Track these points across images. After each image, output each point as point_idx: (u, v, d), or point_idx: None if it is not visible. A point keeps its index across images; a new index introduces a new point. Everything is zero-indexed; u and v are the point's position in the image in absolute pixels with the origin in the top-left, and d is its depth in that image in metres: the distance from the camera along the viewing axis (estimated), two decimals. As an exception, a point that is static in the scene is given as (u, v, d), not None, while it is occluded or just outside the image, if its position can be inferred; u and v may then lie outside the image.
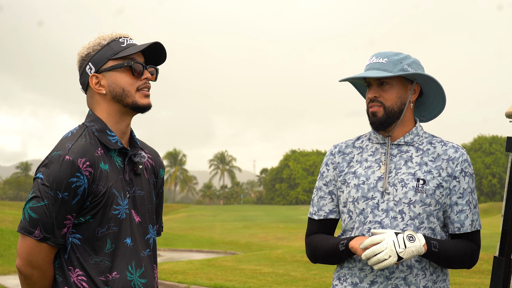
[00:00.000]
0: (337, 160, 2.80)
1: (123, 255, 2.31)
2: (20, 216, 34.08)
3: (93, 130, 2.34)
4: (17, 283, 12.94)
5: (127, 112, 2.40)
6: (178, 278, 13.68)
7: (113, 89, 2.36)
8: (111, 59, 2.36)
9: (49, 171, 2.21)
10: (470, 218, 2.66)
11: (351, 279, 2.68)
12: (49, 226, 2.21)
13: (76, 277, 2.26)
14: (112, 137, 2.36)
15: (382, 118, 2.67)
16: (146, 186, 2.47)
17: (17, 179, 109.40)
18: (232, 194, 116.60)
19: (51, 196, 2.19)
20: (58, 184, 2.20)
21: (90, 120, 2.38)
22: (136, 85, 2.38)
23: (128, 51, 2.37)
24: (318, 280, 12.95)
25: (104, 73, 2.36)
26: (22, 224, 2.22)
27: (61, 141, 2.30)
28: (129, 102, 2.37)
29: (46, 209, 2.20)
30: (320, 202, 2.81)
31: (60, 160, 2.21)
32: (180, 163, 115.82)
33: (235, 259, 18.05)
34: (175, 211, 70.39)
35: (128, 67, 2.37)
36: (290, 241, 31.67)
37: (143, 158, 2.43)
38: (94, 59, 2.36)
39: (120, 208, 2.32)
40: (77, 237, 2.27)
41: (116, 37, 2.39)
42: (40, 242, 2.22)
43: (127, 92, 2.36)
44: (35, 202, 2.21)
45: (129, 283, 2.31)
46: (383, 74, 2.62)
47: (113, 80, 2.36)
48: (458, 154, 2.67)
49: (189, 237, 32.17)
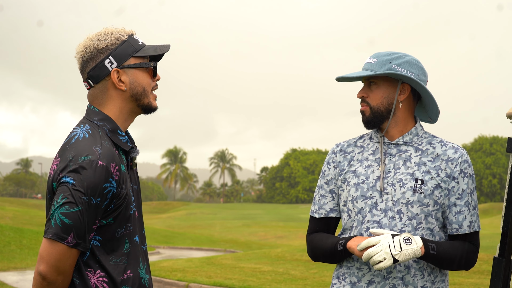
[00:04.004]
0: (338, 159, 2.80)
1: (134, 253, 2.32)
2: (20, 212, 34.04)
3: (105, 130, 2.31)
4: (16, 280, 12.95)
5: (137, 111, 2.40)
6: (178, 276, 13.68)
7: (135, 87, 2.34)
8: (133, 56, 2.35)
9: (83, 177, 2.15)
10: (468, 219, 2.66)
11: (349, 278, 2.68)
12: (82, 232, 2.17)
13: (97, 279, 2.23)
14: (123, 137, 2.34)
15: (369, 117, 2.70)
16: (138, 179, 2.47)
17: (17, 176, 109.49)
18: (232, 192, 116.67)
19: (85, 201, 2.15)
20: (93, 190, 2.15)
21: (100, 119, 2.33)
22: (152, 86, 2.39)
23: (148, 51, 2.37)
24: (318, 279, 12.95)
25: (125, 70, 2.33)
26: (54, 230, 2.15)
27: (82, 143, 2.23)
28: (145, 102, 2.37)
29: (80, 215, 2.15)
30: (321, 201, 2.82)
31: (93, 165, 2.16)
32: (180, 160, 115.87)
33: (235, 257, 18.06)
34: (175, 209, 70.42)
35: (150, 68, 2.37)
36: (290, 239, 31.69)
37: (137, 153, 2.43)
38: (116, 53, 2.32)
39: (133, 206, 2.32)
40: (97, 239, 2.25)
41: (129, 33, 2.38)
42: (71, 248, 2.17)
43: (146, 92, 2.36)
44: (68, 207, 2.14)
45: (140, 281, 2.32)
46: (365, 73, 2.64)
47: (135, 78, 2.34)
48: (457, 155, 2.67)
49: (189, 235, 32.20)
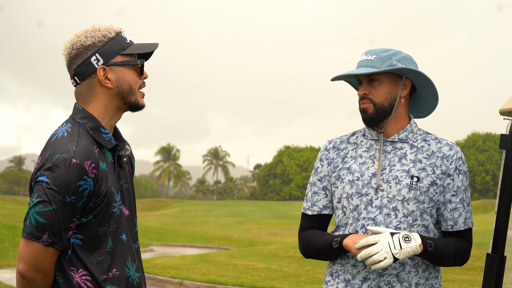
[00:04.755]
0: (332, 156, 2.79)
1: (120, 252, 2.30)
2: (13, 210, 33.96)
3: (87, 128, 2.30)
4: (10, 277, 12.93)
5: (123, 109, 2.39)
6: (171, 273, 13.68)
7: (121, 85, 2.33)
8: (120, 54, 2.34)
9: (55, 175, 2.15)
10: (463, 216, 2.67)
11: (343, 275, 2.68)
12: (57, 230, 2.16)
13: (80, 277, 2.23)
14: (106, 135, 2.33)
15: (373, 114, 2.68)
16: (129, 178, 2.46)
17: (11, 173, 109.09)
18: (225, 190, 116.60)
19: (59, 200, 2.15)
20: (66, 188, 2.15)
21: (82, 117, 2.32)
22: (139, 83, 2.38)
23: (135, 49, 2.36)
24: (311, 276, 12.97)
25: (112, 67, 2.33)
26: (29, 230, 2.16)
27: (59, 142, 2.23)
28: (132, 100, 2.36)
29: (55, 214, 2.15)
30: (314, 198, 2.81)
31: (67, 163, 2.16)
32: (173, 158, 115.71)
33: (228, 254, 18.07)
34: (168, 206, 70.36)
35: (138, 66, 2.36)
36: (283, 237, 31.70)
37: (127, 151, 2.42)
38: (103, 51, 2.31)
39: (116, 205, 2.31)
40: (78, 238, 2.24)
41: (117, 30, 2.37)
42: (47, 246, 2.17)
43: (133, 90, 2.36)
44: (42, 206, 2.14)
45: (128, 279, 2.30)
46: (370, 70, 2.63)
47: (121, 76, 2.34)
48: (452, 152, 2.67)
49: (182, 232, 32.18)
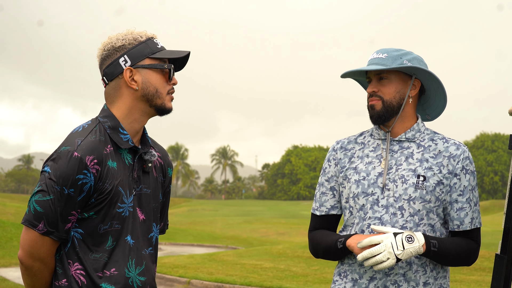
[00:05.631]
0: (339, 156, 2.80)
1: (122, 253, 2.31)
2: (22, 208, 34.20)
3: (105, 127, 2.33)
4: (18, 275, 12.98)
5: (149, 113, 2.40)
6: (179, 272, 13.70)
7: (147, 87, 2.35)
8: (149, 57, 2.35)
9: (57, 166, 2.21)
10: (470, 215, 2.66)
11: (351, 275, 2.68)
12: (53, 221, 2.21)
13: (75, 271, 2.27)
14: (124, 136, 2.34)
15: (381, 111, 2.68)
16: (153, 184, 2.46)
17: (19, 172, 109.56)
18: (233, 189, 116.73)
19: (57, 191, 2.19)
20: (65, 180, 2.19)
21: (104, 115, 2.36)
22: (167, 88, 2.39)
23: (165, 53, 2.38)
24: (319, 275, 12.97)
25: (139, 69, 2.35)
26: (27, 217, 2.23)
27: (71, 136, 2.29)
28: (158, 103, 2.37)
29: (51, 204, 2.20)
30: (322, 198, 2.82)
31: (68, 156, 2.21)
32: (182, 157, 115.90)
33: (236, 254, 18.08)
34: (176, 205, 70.48)
35: (167, 70, 2.37)
36: (291, 236, 31.70)
37: (153, 157, 2.43)
38: (132, 53, 2.34)
39: (124, 206, 2.32)
40: (79, 232, 2.28)
41: (150, 36, 2.39)
42: (43, 235, 2.22)
43: (160, 94, 2.37)
44: (41, 195, 2.21)
45: (127, 281, 2.31)
46: (380, 67, 2.63)
47: (148, 79, 2.35)
48: (459, 152, 2.67)
49: (190, 231, 32.21)
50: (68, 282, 2.27)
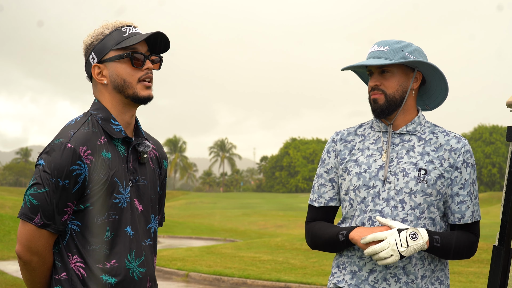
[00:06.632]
0: (339, 148, 2.79)
1: (122, 244, 2.31)
2: (20, 202, 34.18)
3: (97, 119, 2.34)
4: (16, 269, 12.98)
5: (129, 103, 2.39)
6: (178, 265, 13.72)
7: (114, 80, 2.36)
8: (113, 50, 2.35)
9: (51, 158, 2.22)
10: (471, 209, 2.66)
11: (350, 267, 2.68)
12: (50, 213, 2.22)
13: (74, 264, 2.27)
14: (116, 126, 2.35)
15: (383, 105, 2.66)
16: (150, 175, 2.46)
17: (17, 165, 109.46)
18: (232, 182, 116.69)
19: (52, 183, 2.20)
20: (59, 172, 2.20)
21: (95, 108, 2.38)
22: (137, 76, 2.37)
23: (129, 41, 2.36)
24: (317, 268, 12.99)
25: (106, 63, 2.36)
26: (23, 210, 2.23)
27: (64, 129, 2.30)
28: (130, 93, 2.36)
29: (47, 196, 2.20)
30: (321, 190, 2.81)
31: (62, 147, 2.22)
32: (180, 150, 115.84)
33: (235, 246, 18.10)
34: (174, 198, 70.47)
35: (129, 58, 2.36)
36: (290, 229, 31.73)
37: (147, 148, 2.43)
38: (97, 49, 2.36)
39: (121, 197, 2.32)
40: (76, 224, 2.28)
41: (118, 26, 2.38)
42: (40, 228, 2.23)
43: (128, 83, 2.36)
44: (36, 188, 2.22)
45: (127, 272, 2.31)
46: (383, 61, 2.61)
47: (114, 71, 2.35)
48: (460, 145, 2.66)
49: (189, 224, 32.23)
50: (68, 275, 2.26)
